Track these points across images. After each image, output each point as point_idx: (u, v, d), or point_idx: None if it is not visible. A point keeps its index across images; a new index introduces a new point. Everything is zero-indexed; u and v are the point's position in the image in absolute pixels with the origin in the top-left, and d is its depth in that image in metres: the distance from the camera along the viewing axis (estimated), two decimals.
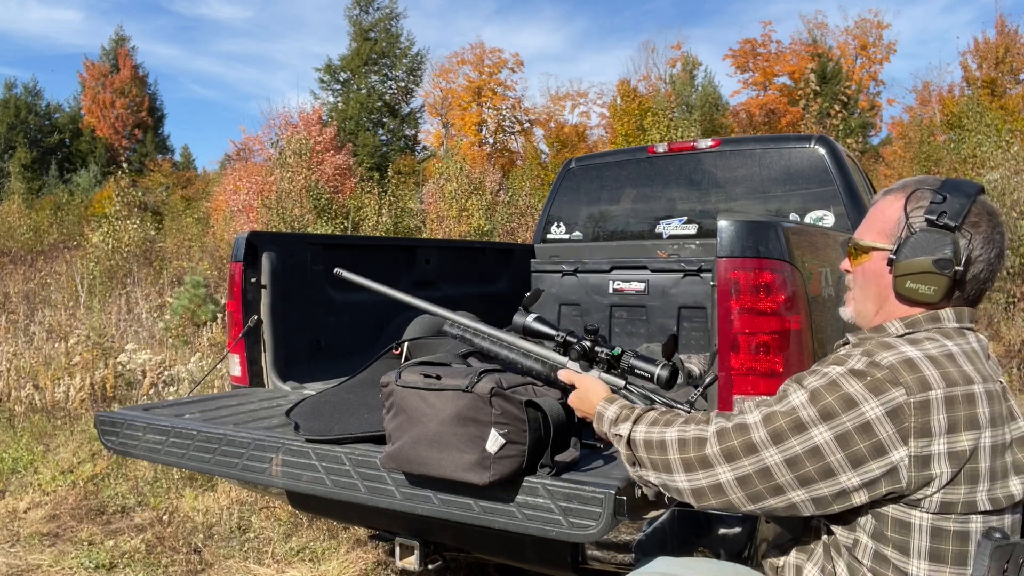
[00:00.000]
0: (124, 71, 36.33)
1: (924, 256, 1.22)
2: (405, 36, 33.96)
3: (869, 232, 1.32)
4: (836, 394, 1.16)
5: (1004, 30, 24.75)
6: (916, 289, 1.23)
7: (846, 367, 1.18)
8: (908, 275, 1.23)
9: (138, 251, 12.35)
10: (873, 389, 1.14)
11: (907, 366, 1.15)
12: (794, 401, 1.19)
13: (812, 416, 1.16)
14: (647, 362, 1.51)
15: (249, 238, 2.63)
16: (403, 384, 1.53)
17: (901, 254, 1.24)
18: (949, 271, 1.20)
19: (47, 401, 5.60)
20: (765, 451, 1.18)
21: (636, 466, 1.32)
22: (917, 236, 1.23)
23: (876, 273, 1.30)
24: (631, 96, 24.27)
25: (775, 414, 1.19)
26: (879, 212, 1.32)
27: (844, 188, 3.35)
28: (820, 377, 1.20)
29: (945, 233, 1.21)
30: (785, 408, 1.19)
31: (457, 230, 13.93)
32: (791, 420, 1.18)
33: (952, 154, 14.57)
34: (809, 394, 1.18)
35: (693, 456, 1.23)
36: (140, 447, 2.03)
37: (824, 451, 1.15)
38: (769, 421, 1.19)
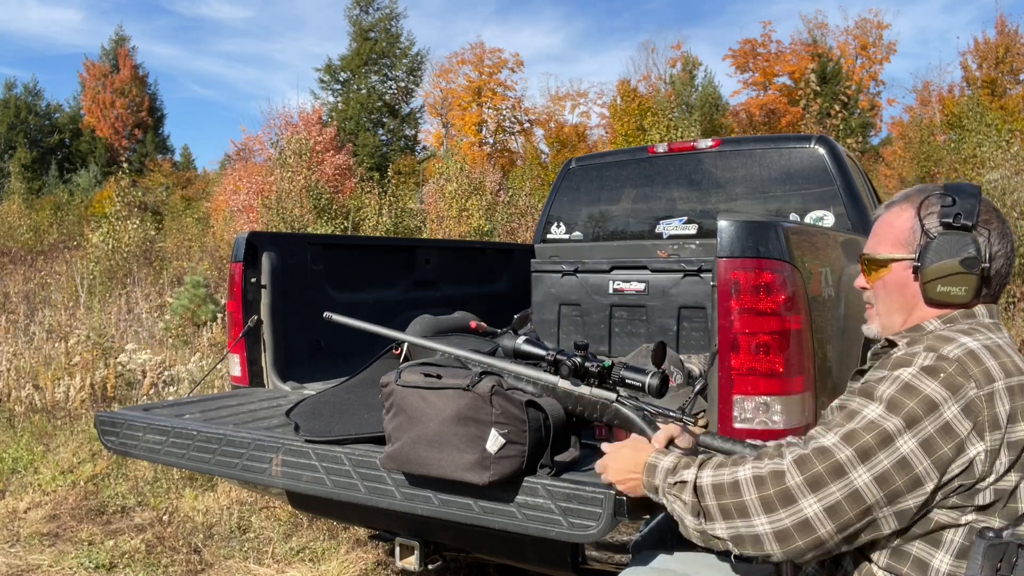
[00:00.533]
0: (124, 71, 36.34)
1: (950, 258, 1.23)
2: (405, 36, 33.99)
3: (882, 245, 1.32)
4: (916, 398, 1.13)
5: (1004, 30, 24.75)
6: (948, 291, 1.24)
7: (916, 366, 1.16)
8: (938, 279, 1.24)
9: (138, 251, 12.36)
10: (948, 386, 1.12)
11: (971, 358, 1.15)
12: (871, 414, 1.14)
13: (897, 426, 1.12)
14: (637, 372, 1.51)
15: (249, 238, 2.63)
16: (403, 384, 1.53)
17: (926, 260, 1.24)
18: (976, 269, 1.22)
19: (47, 401, 5.60)
20: (854, 471, 1.11)
21: (701, 518, 1.20)
22: (938, 240, 1.24)
23: (899, 284, 1.30)
24: (631, 96, 24.26)
25: (855, 431, 1.13)
26: (888, 225, 1.32)
27: (844, 188, 3.35)
28: (891, 383, 1.16)
29: (964, 233, 1.23)
30: (863, 423, 1.14)
31: (457, 230, 13.93)
32: (876, 434, 1.12)
33: (952, 154, 14.56)
34: (886, 403, 1.14)
35: (773, 492, 1.14)
36: (140, 447, 2.03)
37: (912, 461, 1.11)
38: (851, 439, 1.13)
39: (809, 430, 1.58)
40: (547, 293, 3.18)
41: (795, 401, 1.87)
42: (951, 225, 1.23)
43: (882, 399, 1.15)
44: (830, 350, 2.05)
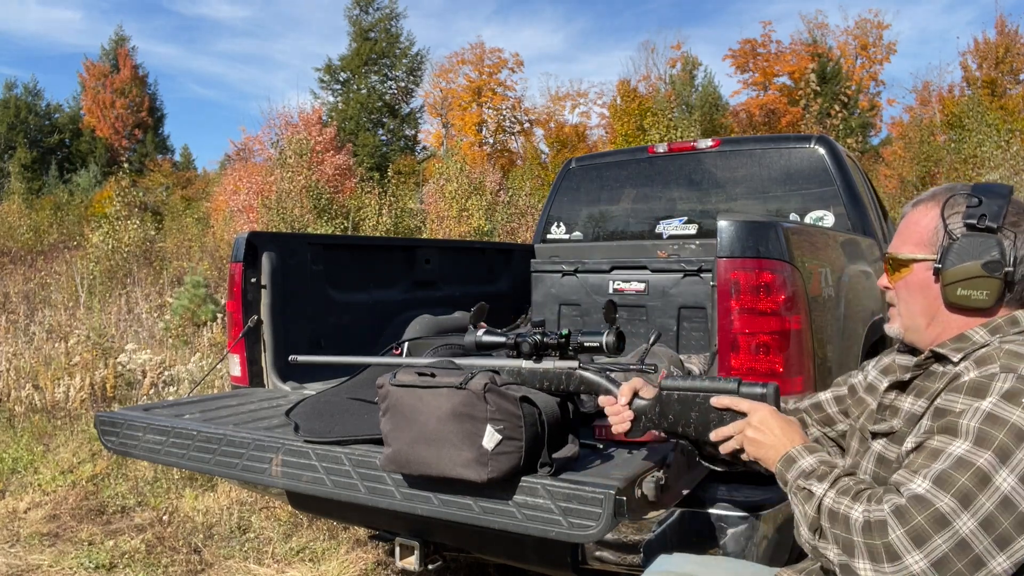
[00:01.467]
0: (124, 71, 36.36)
1: (972, 261, 1.19)
2: (405, 36, 34.01)
3: (905, 244, 1.29)
4: (1003, 428, 1.06)
5: (1004, 30, 24.76)
6: (968, 295, 1.20)
7: (996, 393, 1.09)
8: (958, 282, 1.20)
9: (138, 251, 12.36)
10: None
11: None
12: (959, 451, 1.07)
13: (991, 462, 1.04)
14: (593, 335, 1.57)
15: (249, 238, 2.63)
16: (397, 383, 1.53)
17: (947, 262, 1.21)
18: (999, 273, 1.18)
19: (47, 401, 5.60)
20: (958, 520, 1.03)
21: (817, 535, 1.15)
22: (960, 242, 1.20)
23: (921, 285, 1.26)
24: (631, 96, 24.28)
25: (947, 474, 1.06)
26: (913, 224, 1.29)
27: (844, 188, 3.35)
28: (972, 416, 1.09)
29: (988, 235, 1.19)
30: (953, 463, 1.07)
31: (457, 230, 13.93)
32: (971, 474, 1.05)
33: (952, 154, 14.57)
34: (974, 438, 1.07)
35: (879, 543, 1.06)
36: (140, 447, 2.03)
37: (1015, 499, 1.03)
38: (946, 483, 1.05)
39: None
40: (547, 293, 3.18)
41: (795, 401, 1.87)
42: (975, 226, 1.19)
43: (968, 433, 1.08)
44: (830, 350, 2.05)
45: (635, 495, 1.46)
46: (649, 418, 1.44)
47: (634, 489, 1.46)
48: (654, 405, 1.43)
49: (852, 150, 13.26)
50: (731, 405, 1.33)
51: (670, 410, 1.41)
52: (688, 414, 1.39)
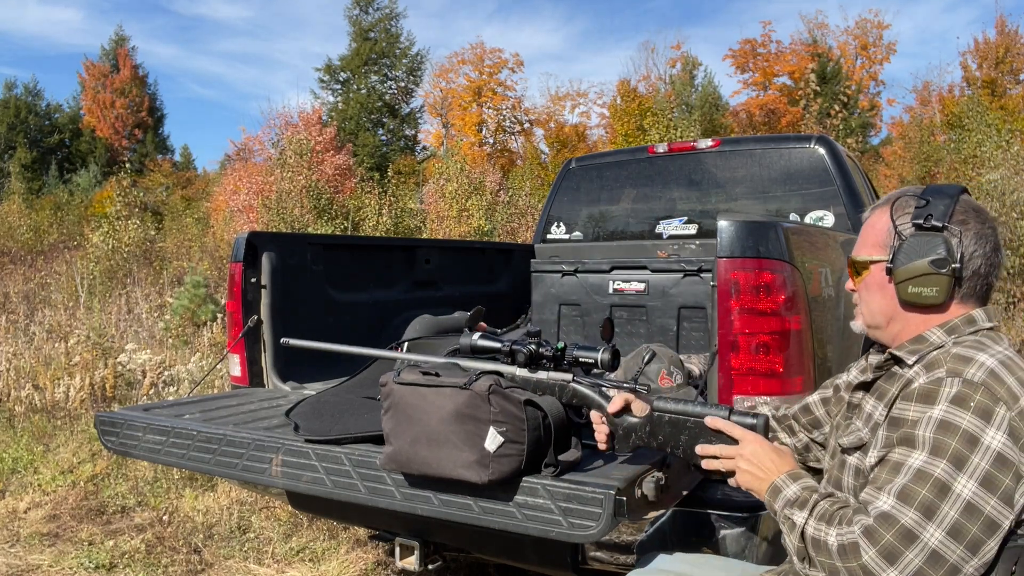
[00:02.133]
0: (124, 71, 36.34)
1: (920, 259, 1.23)
2: (405, 36, 33.98)
3: (863, 247, 1.34)
4: (956, 435, 1.09)
5: (1004, 30, 24.76)
6: (919, 292, 1.24)
7: (944, 399, 1.13)
8: (908, 280, 1.25)
9: (138, 251, 12.35)
10: (982, 413, 1.10)
11: (994, 378, 1.13)
12: (916, 463, 1.11)
13: (947, 470, 1.08)
14: (589, 350, 1.58)
15: (249, 238, 2.63)
16: (401, 382, 1.53)
17: (897, 261, 1.26)
18: (947, 269, 1.22)
19: (47, 401, 5.60)
20: (924, 532, 1.06)
21: (805, 563, 1.19)
22: (909, 241, 1.25)
23: (879, 284, 1.31)
24: (631, 96, 24.27)
25: (908, 488, 1.09)
26: (870, 227, 1.34)
27: (844, 188, 3.35)
28: (926, 425, 1.12)
29: (934, 234, 1.23)
30: (912, 475, 1.10)
31: (457, 230, 13.93)
32: (930, 485, 1.08)
33: (952, 154, 14.56)
34: (930, 448, 1.10)
35: (855, 565, 1.09)
36: (140, 447, 2.03)
37: (978, 504, 1.07)
38: (908, 497, 1.09)
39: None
40: (547, 293, 3.18)
41: (795, 401, 1.86)
42: (921, 226, 1.24)
43: (924, 443, 1.11)
44: (830, 350, 2.05)
45: (635, 495, 1.46)
46: (639, 436, 1.47)
47: (634, 489, 1.46)
48: (645, 424, 1.47)
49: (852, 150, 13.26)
50: (724, 429, 1.36)
51: (660, 431, 1.45)
52: (678, 436, 1.43)
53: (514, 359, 1.65)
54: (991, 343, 1.22)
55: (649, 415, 1.46)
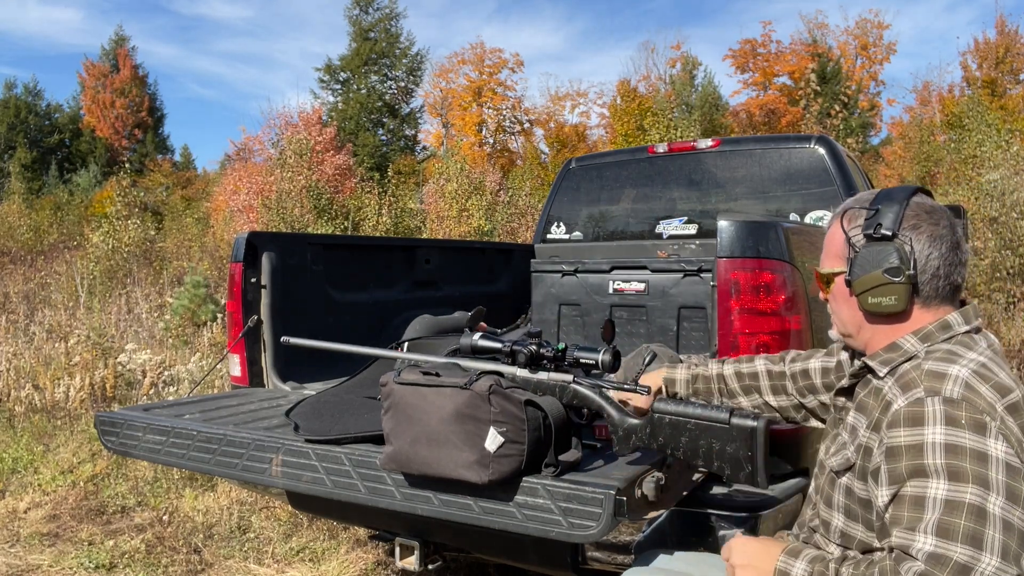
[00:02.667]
0: (124, 71, 36.33)
1: (874, 270, 1.23)
2: (405, 36, 33.98)
3: (827, 259, 1.35)
4: (964, 456, 1.08)
5: (1004, 30, 24.75)
6: (879, 303, 1.24)
7: (938, 422, 1.11)
8: (867, 291, 1.25)
9: (138, 251, 12.35)
10: (976, 428, 1.09)
11: (971, 391, 1.13)
12: (942, 494, 1.07)
13: (978, 494, 1.05)
14: (590, 351, 1.58)
15: (249, 238, 2.63)
16: (401, 382, 1.53)
17: (853, 273, 1.26)
18: (901, 277, 1.21)
19: (47, 401, 5.60)
20: (980, 563, 1.02)
21: None
22: (861, 253, 1.25)
23: (844, 296, 1.31)
24: (631, 96, 24.29)
25: (945, 522, 1.05)
26: (830, 238, 1.34)
27: (844, 188, 3.35)
28: (932, 453, 1.09)
29: (885, 243, 1.23)
30: (944, 508, 1.06)
31: (457, 230, 13.92)
32: (967, 513, 1.05)
33: (952, 154, 14.56)
34: (947, 475, 1.08)
35: None
36: (140, 447, 2.03)
37: (1009, 519, 1.04)
38: (950, 532, 1.04)
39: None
40: (547, 293, 3.18)
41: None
42: (872, 236, 1.24)
43: (938, 472, 1.08)
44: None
45: (635, 495, 1.46)
46: (640, 437, 1.48)
47: (634, 489, 1.46)
48: (645, 425, 1.47)
49: (852, 150, 13.25)
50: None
51: (661, 432, 1.45)
52: (678, 438, 1.43)
53: (515, 359, 1.66)
54: (963, 350, 1.20)
55: (649, 416, 1.46)
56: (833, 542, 1.32)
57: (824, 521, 1.35)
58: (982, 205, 8.69)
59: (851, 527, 1.28)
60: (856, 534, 1.27)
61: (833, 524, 1.32)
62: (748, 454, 1.37)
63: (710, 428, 1.41)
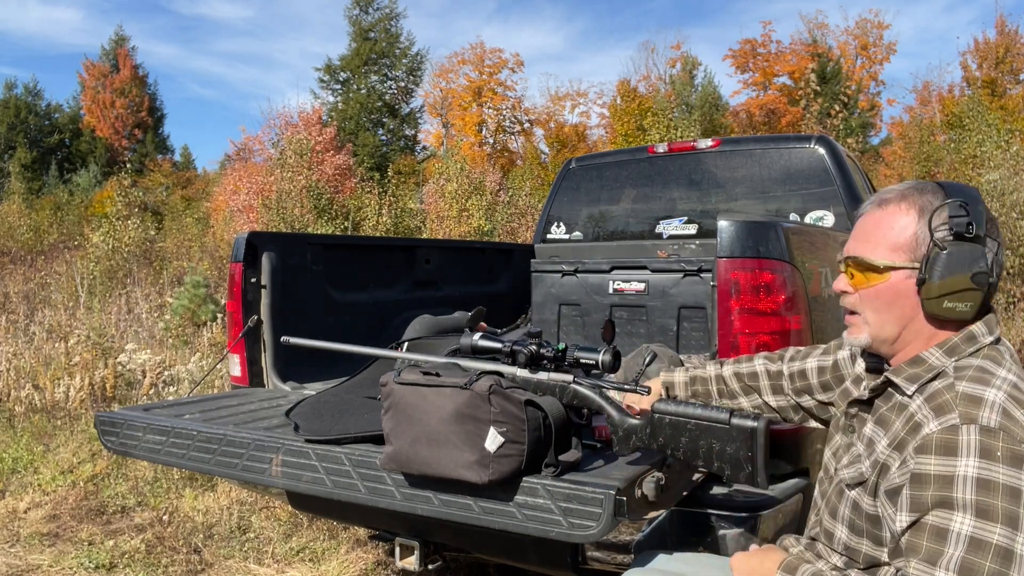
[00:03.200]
0: (124, 71, 36.33)
1: (962, 273, 1.12)
2: (405, 36, 33.98)
3: (878, 248, 1.19)
4: (998, 493, 1.02)
5: (1004, 30, 24.75)
6: (954, 308, 1.13)
7: (973, 455, 1.04)
8: (945, 295, 1.13)
9: (138, 251, 12.35)
10: (1013, 461, 1.03)
11: (1008, 418, 1.06)
12: (967, 530, 1.02)
13: (1005, 534, 1.00)
14: (590, 351, 1.58)
15: (249, 238, 2.63)
16: (401, 382, 1.53)
17: (934, 273, 1.13)
18: (985, 284, 1.13)
19: (47, 401, 5.60)
20: None
21: None
22: (950, 251, 1.12)
23: (898, 294, 1.18)
24: (631, 96, 24.29)
25: (968, 561, 1.00)
26: (885, 226, 1.19)
27: (844, 188, 3.35)
28: (963, 487, 1.03)
29: (976, 245, 1.13)
30: (968, 546, 1.01)
31: (457, 230, 13.92)
32: (993, 553, 1.00)
33: (952, 154, 14.56)
34: (974, 511, 1.02)
35: None
36: (140, 447, 2.03)
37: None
38: (973, 571, 1.00)
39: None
40: (547, 293, 3.18)
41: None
42: (963, 236, 1.12)
43: (966, 507, 1.03)
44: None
45: (635, 495, 1.46)
46: (640, 437, 1.48)
47: (634, 489, 1.46)
48: (645, 426, 1.47)
49: (852, 150, 13.26)
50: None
51: (661, 432, 1.45)
52: (679, 439, 1.43)
53: (515, 360, 1.65)
54: (994, 367, 1.14)
55: (649, 417, 1.46)
56: (836, 552, 1.30)
57: (827, 531, 1.33)
58: None
59: (855, 541, 1.25)
60: (861, 548, 1.24)
61: (836, 535, 1.30)
62: (748, 454, 1.37)
63: (710, 428, 1.41)
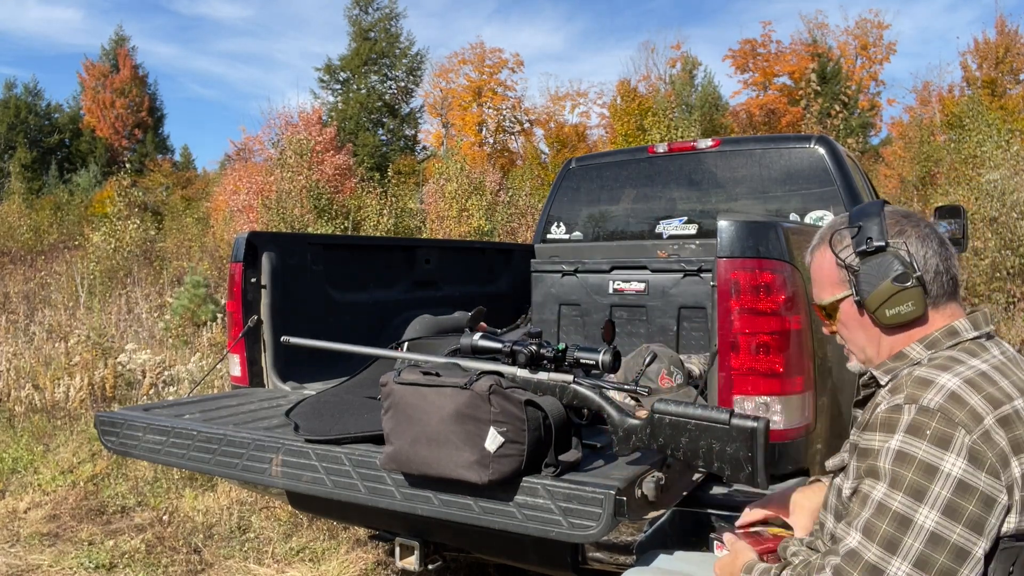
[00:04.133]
0: (124, 71, 36.33)
1: (881, 282, 1.23)
2: (405, 36, 33.97)
3: (823, 290, 1.34)
4: (912, 466, 1.09)
5: (1004, 30, 24.74)
6: (897, 312, 1.23)
7: (901, 429, 1.12)
8: (882, 305, 1.23)
9: (138, 251, 12.36)
10: (938, 441, 1.08)
11: (954, 401, 1.11)
12: (877, 496, 1.11)
13: (906, 503, 1.08)
14: (590, 352, 1.59)
15: (249, 238, 2.63)
16: (401, 382, 1.53)
17: (862, 292, 1.25)
18: (911, 281, 1.22)
19: (47, 401, 5.60)
20: (889, 567, 1.06)
21: None
22: (863, 270, 1.25)
23: (855, 319, 1.30)
24: (631, 96, 24.28)
25: (871, 523, 1.10)
26: (818, 270, 1.35)
27: (844, 188, 3.35)
28: (885, 457, 1.12)
29: (882, 254, 1.23)
30: (874, 510, 1.10)
31: (457, 230, 13.92)
32: (890, 518, 1.08)
33: (952, 154, 14.56)
34: (888, 480, 1.10)
35: None
36: (140, 447, 2.03)
37: (942, 533, 1.05)
38: (871, 532, 1.09)
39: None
40: (547, 293, 3.18)
41: (795, 401, 1.87)
42: (866, 252, 1.24)
43: (884, 475, 1.11)
44: (830, 350, 2.05)
45: (635, 495, 1.46)
46: (640, 438, 1.48)
47: (634, 489, 1.46)
48: (645, 426, 1.47)
49: (852, 150, 13.25)
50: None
51: (661, 433, 1.45)
52: (678, 439, 1.43)
53: (515, 360, 1.66)
54: (966, 357, 1.19)
55: (650, 417, 1.46)
56: (825, 543, 1.32)
57: (821, 523, 1.36)
58: (982, 205, 8.69)
59: (839, 528, 1.26)
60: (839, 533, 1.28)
61: (827, 526, 1.32)
62: (748, 455, 1.37)
63: (710, 429, 1.41)
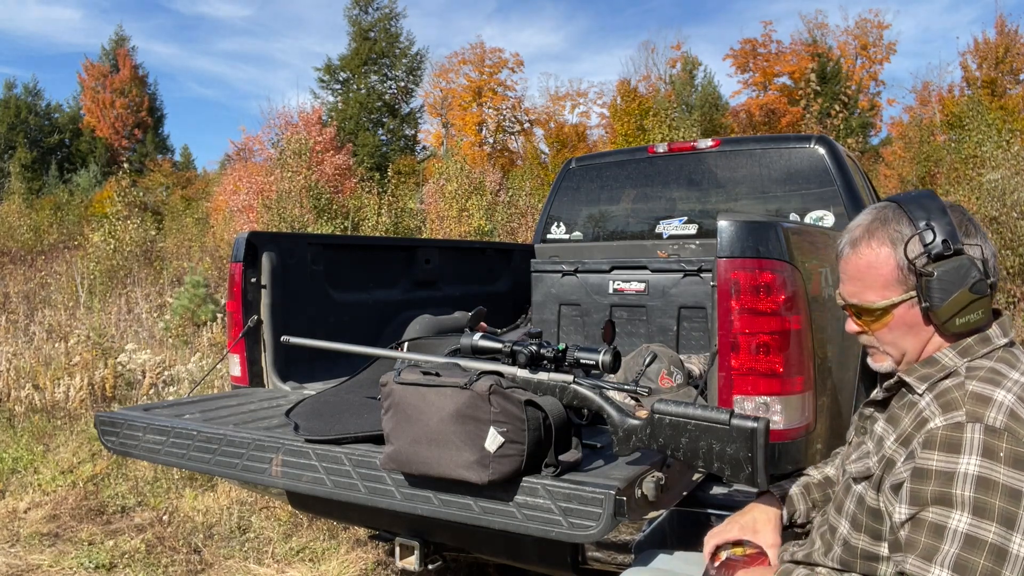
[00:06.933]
0: (124, 71, 36.35)
1: (959, 290, 1.14)
2: (405, 36, 33.99)
3: (870, 292, 1.23)
4: (997, 492, 1.03)
5: (1004, 30, 24.75)
6: (968, 321, 1.16)
7: (975, 452, 1.06)
8: (955, 315, 1.15)
9: (138, 251, 12.35)
10: (1015, 463, 1.04)
11: (1015, 419, 1.07)
12: (963, 528, 1.03)
13: (1000, 533, 1.01)
14: (590, 352, 1.59)
15: (249, 238, 2.62)
16: (401, 382, 1.53)
17: (934, 299, 1.15)
18: (986, 289, 1.15)
19: (47, 401, 5.60)
20: None
21: None
22: (938, 275, 1.15)
23: (911, 323, 1.21)
24: (631, 96, 24.28)
25: (962, 558, 1.02)
26: (868, 269, 1.23)
27: (844, 188, 3.35)
28: (962, 484, 1.05)
29: (959, 258, 1.15)
30: (963, 543, 1.03)
31: (457, 230, 13.92)
32: (987, 552, 1.01)
33: (952, 154, 14.56)
34: (972, 509, 1.03)
35: None
36: (140, 447, 2.03)
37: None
38: (966, 569, 1.01)
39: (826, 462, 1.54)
40: (547, 293, 3.18)
41: (795, 401, 1.87)
42: (943, 255, 1.15)
43: (964, 504, 1.04)
44: (830, 350, 2.05)
45: (635, 495, 1.46)
46: (640, 438, 1.48)
47: (634, 489, 1.46)
48: (645, 426, 1.47)
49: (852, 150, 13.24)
50: None
51: (661, 433, 1.45)
52: (679, 439, 1.42)
53: (515, 360, 1.66)
54: (1007, 369, 1.15)
55: (649, 417, 1.46)
56: (837, 546, 1.31)
57: (831, 526, 1.34)
58: (982, 205, 8.69)
59: (854, 536, 1.26)
60: (859, 544, 1.25)
61: (839, 530, 1.30)
62: (748, 455, 1.37)
63: (710, 429, 1.41)
